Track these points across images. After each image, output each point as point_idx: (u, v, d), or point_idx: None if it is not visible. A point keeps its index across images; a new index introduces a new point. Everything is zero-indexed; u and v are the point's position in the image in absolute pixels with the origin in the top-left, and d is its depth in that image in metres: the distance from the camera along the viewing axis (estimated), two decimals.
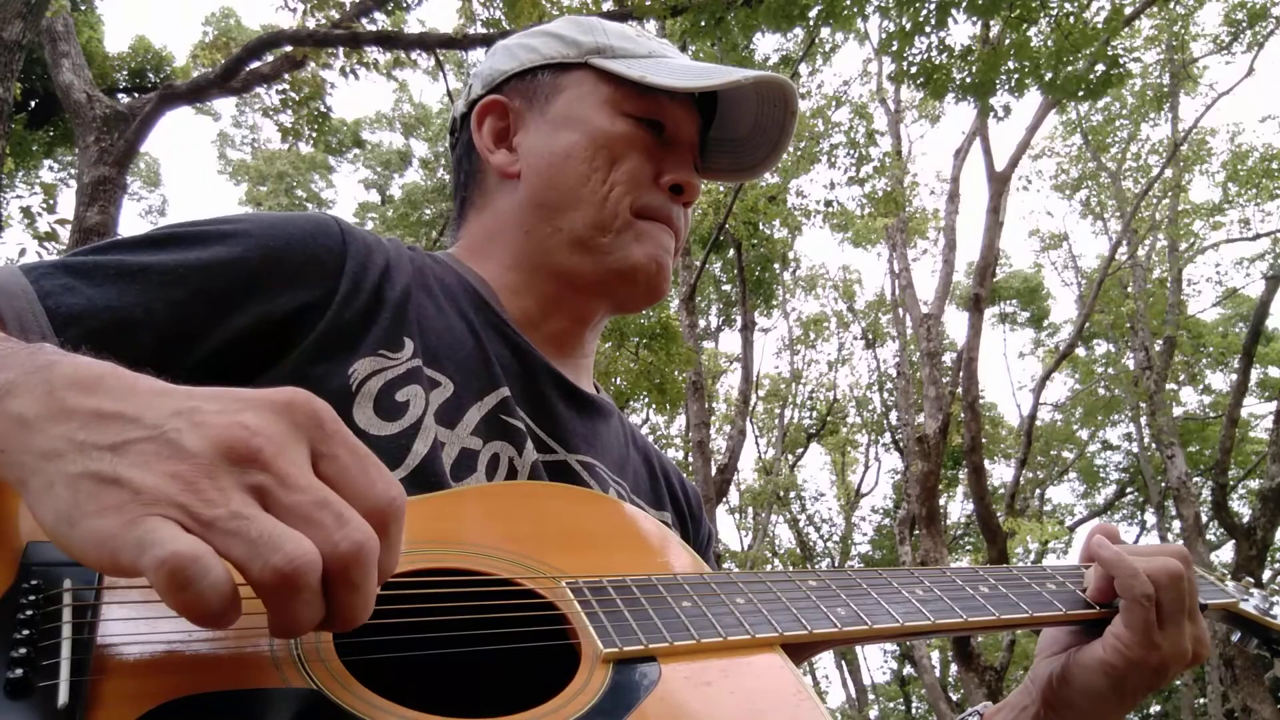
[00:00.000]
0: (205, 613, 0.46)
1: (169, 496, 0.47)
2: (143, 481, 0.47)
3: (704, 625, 0.72)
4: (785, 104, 1.09)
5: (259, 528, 0.47)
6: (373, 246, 0.97)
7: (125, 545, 0.46)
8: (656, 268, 1.05)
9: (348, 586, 0.50)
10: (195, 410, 0.51)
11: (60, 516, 0.48)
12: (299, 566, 0.47)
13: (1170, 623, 0.89)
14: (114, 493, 0.47)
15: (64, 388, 0.52)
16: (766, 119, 1.11)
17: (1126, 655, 0.89)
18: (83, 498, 0.47)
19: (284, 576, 0.47)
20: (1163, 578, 0.90)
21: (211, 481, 0.48)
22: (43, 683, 0.50)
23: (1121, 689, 0.90)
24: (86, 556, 0.47)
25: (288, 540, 0.47)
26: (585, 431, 1.05)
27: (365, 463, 0.54)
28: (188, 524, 0.47)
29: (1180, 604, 0.90)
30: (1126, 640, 0.89)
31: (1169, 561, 0.91)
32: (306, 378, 0.85)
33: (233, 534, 0.47)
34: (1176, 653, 0.90)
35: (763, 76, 1.04)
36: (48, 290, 0.77)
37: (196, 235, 0.87)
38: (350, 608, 0.50)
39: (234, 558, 0.47)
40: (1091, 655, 0.92)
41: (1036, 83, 8.19)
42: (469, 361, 0.97)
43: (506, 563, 0.74)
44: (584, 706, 0.62)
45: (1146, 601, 0.88)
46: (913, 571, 0.91)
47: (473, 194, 1.14)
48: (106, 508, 0.47)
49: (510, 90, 1.11)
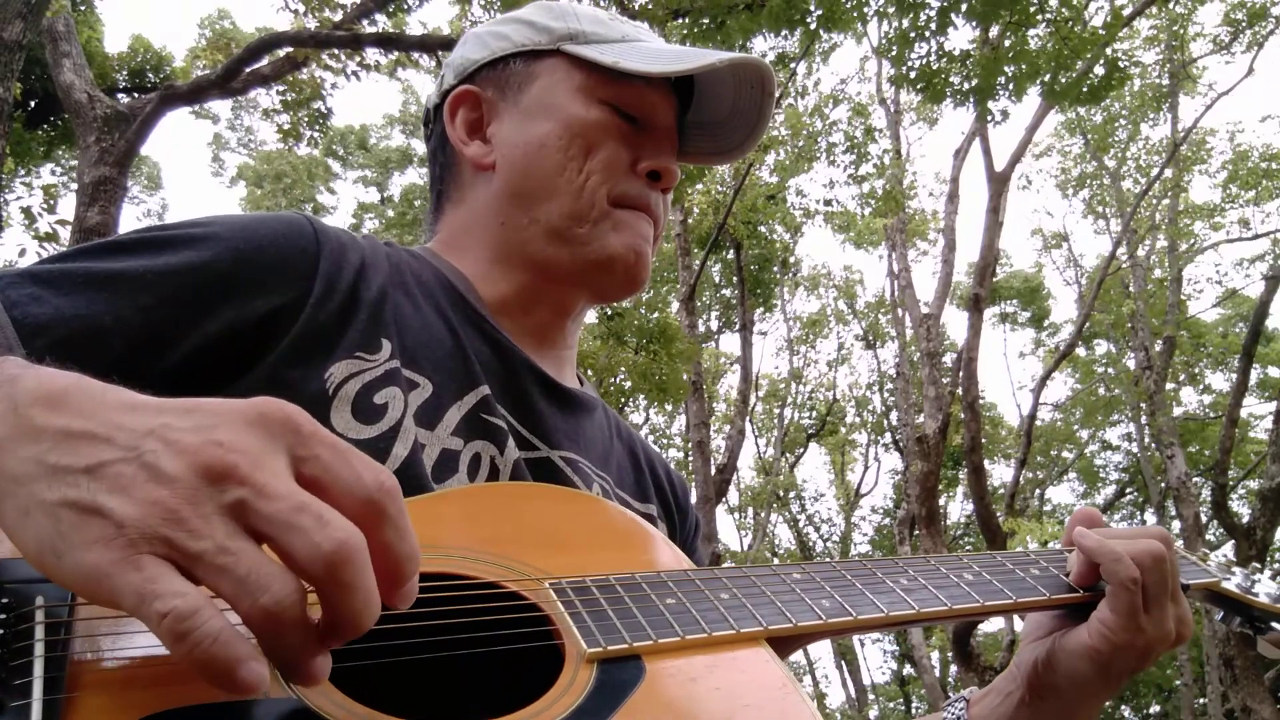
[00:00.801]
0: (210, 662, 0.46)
1: (153, 530, 0.46)
2: (125, 512, 0.47)
3: (688, 621, 0.72)
4: (762, 86, 1.07)
5: (246, 565, 0.47)
6: (347, 245, 0.95)
7: (124, 590, 0.45)
8: (635, 257, 1.04)
9: (341, 587, 0.49)
10: (168, 428, 0.50)
11: (44, 547, 0.47)
12: (286, 607, 0.47)
13: (1154, 605, 0.89)
14: (98, 525, 0.46)
15: (30, 405, 0.51)
16: (744, 101, 1.10)
17: (1112, 640, 0.89)
18: (65, 528, 0.47)
19: (272, 616, 0.47)
20: (1146, 560, 0.89)
21: (194, 508, 0.47)
22: (15, 702, 0.49)
23: (1107, 673, 0.90)
24: (78, 590, 0.47)
25: (274, 579, 0.47)
26: (567, 427, 1.04)
27: (347, 456, 0.53)
28: (176, 559, 0.47)
29: (1164, 585, 0.90)
30: (1112, 625, 0.89)
31: (1151, 544, 0.91)
32: (282, 382, 0.84)
33: (220, 570, 0.47)
34: (1161, 634, 0.90)
35: (737, 58, 1.02)
36: (14, 300, 0.75)
37: (166, 240, 0.85)
38: (350, 609, 0.49)
39: (223, 594, 0.47)
40: (1077, 640, 0.91)
41: (1035, 84, 8.19)
42: (448, 360, 0.96)
43: (489, 565, 0.74)
44: (568, 707, 0.62)
45: (1133, 585, 0.88)
46: (897, 561, 0.90)
47: (448, 187, 1.12)
48: (92, 541, 0.46)
49: (483, 80, 1.09)
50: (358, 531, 0.50)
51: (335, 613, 0.50)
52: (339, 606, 0.49)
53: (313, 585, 0.49)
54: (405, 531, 0.53)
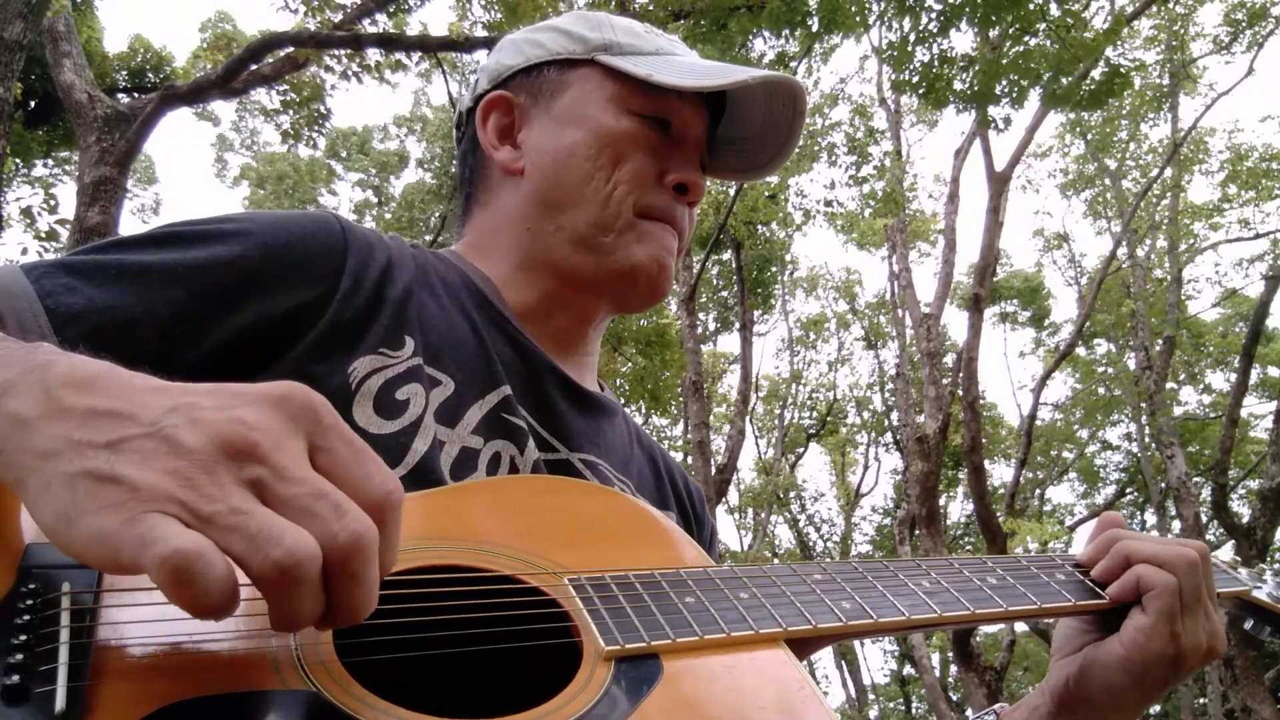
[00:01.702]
0: (207, 607, 0.46)
1: (167, 493, 0.47)
2: (141, 479, 0.47)
3: (707, 621, 0.71)
4: (794, 104, 1.08)
5: (258, 522, 0.47)
6: (374, 244, 0.97)
7: (126, 542, 0.46)
8: (658, 268, 1.04)
9: (349, 578, 0.50)
10: (192, 406, 0.51)
11: (59, 516, 0.48)
12: (299, 559, 0.47)
13: (1189, 614, 0.89)
14: (112, 490, 0.47)
15: (60, 387, 0.52)
16: (775, 118, 1.11)
17: (1147, 648, 0.88)
18: (81, 496, 0.47)
19: (284, 570, 0.47)
20: (1182, 566, 0.89)
21: (210, 477, 0.48)
22: (40, 688, 0.49)
23: (1141, 684, 0.89)
24: (86, 555, 0.47)
25: (287, 534, 0.47)
26: (588, 429, 1.04)
27: (362, 456, 0.54)
28: (187, 520, 0.47)
29: (1198, 593, 0.89)
30: (1148, 632, 0.88)
31: (1187, 551, 0.90)
32: (306, 376, 0.84)
33: (232, 529, 0.47)
34: (1194, 644, 0.89)
35: (771, 76, 1.03)
36: (48, 290, 0.77)
37: (197, 234, 0.86)
38: (352, 599, 0.50)
39: (234, 552, 0.47)
40: (1109, 652, 0.90)
41: (1036, 85, 8.19)
42: (470, 359, 0.97)
43: (509, 559, 0.73)
44: (585, 705, 0.62)
45: (1172, 591, 0.88)
46: (919, 563, 0.89)
47: (477, 190, 1.13)
48: (105, 505, 0.47)
49: (516, 86, 1.10)
50: (374, 526, 0.51)
51: (337, 601, 0.50)
52: (342, 596, 0.50)
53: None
54: (393, 546, 0.54)
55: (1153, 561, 0.90)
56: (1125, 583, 0.91)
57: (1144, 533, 0.97)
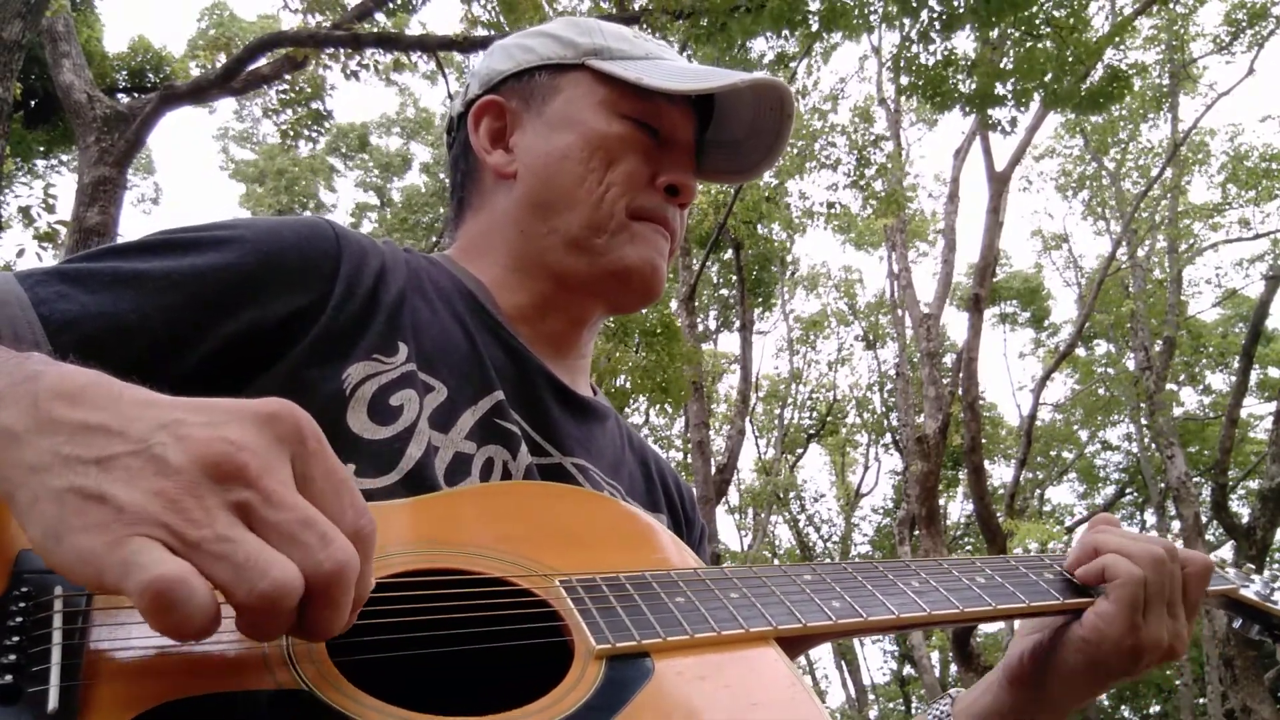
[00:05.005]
0: (187, 633, 0.47)
1: (153, 515, 0.47)
2: (127, 499, 0.47)
3: (697, 620, 0.72)
4: (781, 107, 1.09)
5: (245, 551, 0.48)
6: (368, 250, 0.97)
7: (110, 566, 0.46)
8: (650, 269, 1.05)
9: (328, 604, 0.51)
10: (179, 423, 0.51)
11: (46, 532, 0.48)
12: (285, 592, 0.48)
13: (1152, 608, 0.91)
14: (98, 510, 0.47)
15: (50, 399, 0.52)
16: (763, 122, 1.12)
17: (1106, 633, 0.89)
18: (68, 513, 0.48)
19: (269, 602, 0.48)
20: (1147, 560, 0.91)
21: (196, 500, 0.48)
22: (32, 689, 0.50)
23: (1094, 669, 0.91)
24: (72, 573, 0.47)
25: (274, 565, 0.48)
26: (580, 434, 1.05)
27: (339, 490, 0.54)
28: (172, 544, 0.47)
29: (1162, 589, 0.91)
30: (1109, 619, 0.89)
31: (1153, 547, 0.93)
32: (300, 382, 0.85)
33: (218, 557, 0.47)
34: (1154, 640, 0.90)
35: (759, 80, 1.04)
36: (42, 297, 0.77)
37: (191, 241, 0.86)
38: (327, 623, 0.51)
39: (218, 580, 0.47)
40: (1068, 633, 0.92)
41: (1038, 85, 8.18)
42: (463, 365, 0.97)
43: (500, 562, 0.74)
44: (576, 703, 0.62)
45: (1136, 581, 0.90)
46: (909, 564, 0.90)
47: (469, 194, 1.14)
48: (91, 525, 0.47)
49: (507, 91, 1.11)
50: (356, 555, 0.52)
51: (310, 624, 0.51)
52: (316, 619, 0.51)
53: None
54: (366, 580, 0.55)
55: (1120, 552, 0.92)
56: (1091, 569, 0.94)
57: (1128, 530, 0.99)
